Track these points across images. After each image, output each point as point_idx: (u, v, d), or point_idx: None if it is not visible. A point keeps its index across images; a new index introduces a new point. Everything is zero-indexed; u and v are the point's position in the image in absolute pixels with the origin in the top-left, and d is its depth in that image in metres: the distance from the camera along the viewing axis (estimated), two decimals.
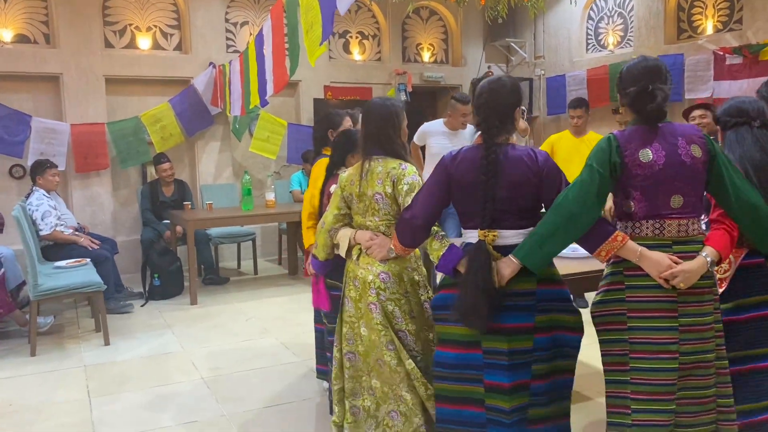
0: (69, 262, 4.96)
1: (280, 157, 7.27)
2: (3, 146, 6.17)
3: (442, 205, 2.24)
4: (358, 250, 2.54)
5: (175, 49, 7.04)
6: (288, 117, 7.40)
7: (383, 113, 2.51)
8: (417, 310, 2.50)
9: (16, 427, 3.29)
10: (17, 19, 6.33)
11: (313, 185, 3.13)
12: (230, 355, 4.29)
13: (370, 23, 8.15)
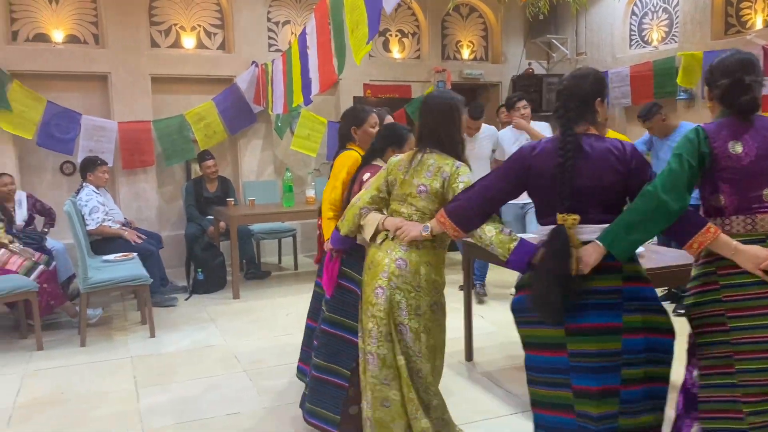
0: (117, 256, 5.12)
1: (320, 154, 7.34)
2: (54, 143, 6.38)
3: (507, 193, 2.18)
4: (384, 235, 2.49)
5: (218, 48, 7.18)
6: (328, 115, 7.46)
7: (444, 108, 2.46)
8: (425, 309, 2.42)
9: (68, 415, 3.42)
10: (68, 20, 6.54)
11: (335, 177, 3.12)
12: (271, 348, 4.37)
13: (410, 21, 8.17)
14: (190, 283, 5.96)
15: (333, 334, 2.84)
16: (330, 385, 2.83)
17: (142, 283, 4.70)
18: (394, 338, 2.39)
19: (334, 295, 2.84)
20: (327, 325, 2.86)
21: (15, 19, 6.35)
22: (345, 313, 2.82)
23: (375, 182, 2.59)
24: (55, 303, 4.80)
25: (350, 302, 2.81)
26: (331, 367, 2.83)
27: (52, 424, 3.31)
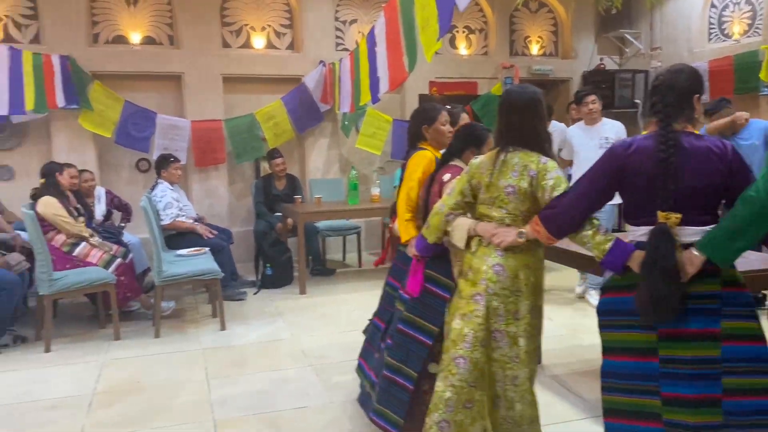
0: (190, 251, 5.28)
1: (384, 152, 7.36)
2: (131, 141, 6.65)
3: (604, 196, 2.12)
4: (478, 241, 2.44)
5: (287, 48, 7.30)
6: (393, 113, 7.47)
7: (527, 103, 2.39)
8: (524, 313, 2.36)
9: (144, 403, 3.55)
10: (145, 22, 6.79)
11: (410, 178, 3.07)
12: (337, 345, 4.41)
13: (477, 17, 8.08)
14: (259, 278, 6.09)
15: (407, 334, 2.82)
16: (397, 386, 2.80)
17: (213, 277, 4.82)
18: (489, 344, 2.34)
19: (417, 297, 2.81)
20: (403, 325, 2.83)
21: (96, 22, 6.64)
22: (422, 314, 2.78)
23: (458, 186, 2.53)
24: (131, 295, 5.00)
25: (430, 305, 2.76)
26: (401, 367, 2.81)
27: (129, 412, 3.44)
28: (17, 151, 6.50)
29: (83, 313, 5.39)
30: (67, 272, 4.61)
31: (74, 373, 4.02)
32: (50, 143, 6.47)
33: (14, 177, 6.48)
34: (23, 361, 4.27)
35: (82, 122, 6.38)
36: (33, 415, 3.41)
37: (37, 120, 6.31)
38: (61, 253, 4.75)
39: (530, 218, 2.34)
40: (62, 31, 6.35)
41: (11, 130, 6.41)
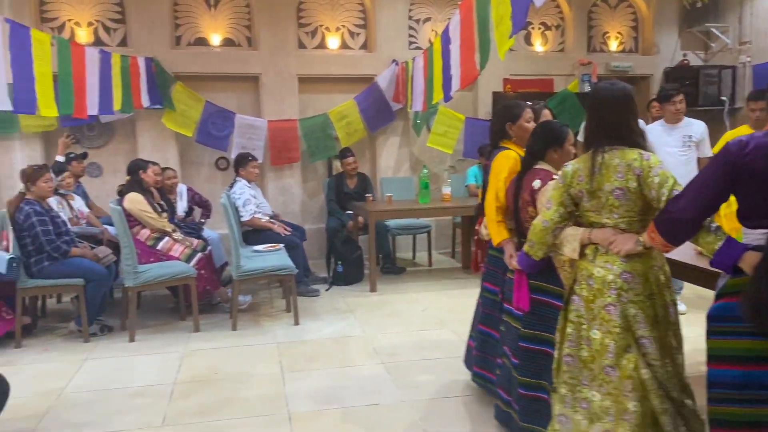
0: (265, 247, 5.41)
1: (456, 151, 7.31)
2: (211, 140, 6.88)
3: (720, 198, 2.00)
4: (594, 248, 2.35)
5: (360, 47, 7.37)
6: (465, 111, 7.41)
7: (619, 99, 2.31)
8: (662, 314, 2.29)
9: (222, 393, 3.67)
10: (225, 25, 7.01)
11: (496, 179, 3.03)
12: (408, 343, 4.42)
13: (554, 13, 7.90)
14: (331, 274, 6.18)
15: (536, 351, 2.73)
16: (543, 402, 2.72)
17: (288, 273, 4.93)
18: (635, 351, 2.25)
19: (529, 310, 2.74)
20: (527, 342, 2.75)
21: (178, 24, 6.90)
22: (546, 327, 2.70)
23: (556, 197, 2.44)
24: (211, 288, 5.18)
25: (546, 316, 2.70)
26: (541, 383, 2.73)
27: (207, 402, 3.56)
28: (105, 149, 6.85)
29: (165, 305, 5.62)
30: (151, 265, 4.82)
31: (156, 362, 4.20)
32: (135, 142, 6.78)
33: (102, 174, 6.84)
34: (110, 350, 4.50)
35: (165, 122, 6.66)
36: (119, 402, 3.58)
37: (123, 119, 6.63)
38: (146, 247, 4.97)
39: (645, 219, 2.26)
40: (147, 34, 6.64)
41: (100, 129, 6.76)
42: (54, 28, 6.55)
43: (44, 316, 5.34)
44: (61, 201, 5.31)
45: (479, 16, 3.94)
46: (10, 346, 4.52)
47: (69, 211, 5.38)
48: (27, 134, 6.42)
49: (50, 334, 4.89)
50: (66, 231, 4.77)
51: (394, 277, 6.42)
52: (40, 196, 4.67)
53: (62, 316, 5.39)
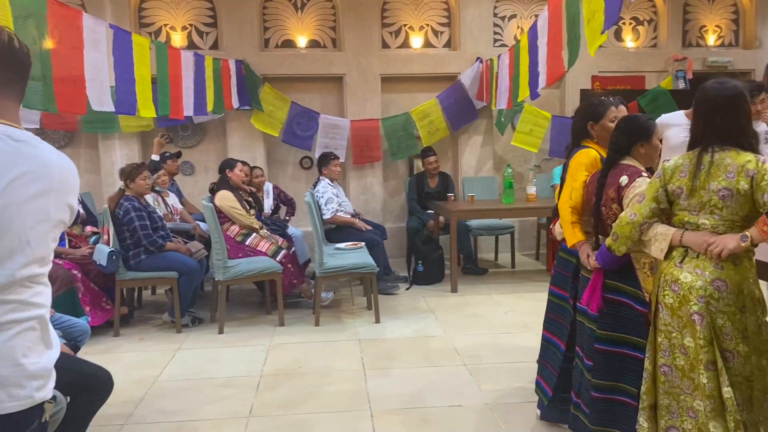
0: (347, 245, 5.48)
1: (542, 150, 7.15)
2: (296, 140, 7.04)
3: None
4: (682, 251, 2.24)
5: (444, 46, 7.33)
6: (552, 109, 7.23)
7: (731, 99, 2.19)
8: (752, 330, 2.14)
9: (305, 387, 3.74)
10: (311, 27, 7.15)
11: (573, 178, 2.90)
12: (490, 345, 4.36)
13: (646, 7, 7.57)
14: (411, 273, 6.18)
15: (613, 353, 2.63)
16: (618, 404, 2.63)
17: (369, 271, 4.97)
18: (719, 367, 2.13)
19: (604, 311, 2.63)
20: (602, 344, 2.64)
21: (267, 27, 7.10)
22: (623, 328, 2.60)
23: (650, 192, 2.34)
24: (297, 282, 5.30)
25: (626, 316, 2.59)
26: (617, 386, 2.63)
27: (292, 395, 3.64)
28: (197, 148, 7.14)
29: (251, 299, 5.80)
30: (240, 260, 4.99)
31: (244, 354, 4.34)
32: (226, 141, 7.04)
33: (195, 172, 7.14)
34: (200, 341, 4.68)
35: (253, 122, 6.87)
36: (208, 391, 3.73)
37: (214, 120, 6.89)
38: (235, 243, 5.15)
39: (746, 225, 2.13)
40: (238, 37, 6.87)
41: (193, 129, 7.06)
42: (151, 33, 6.89)
43: (140, 307, 5.62)
44: (157, 198, 5.58)
45: (569, 11, 3.83)
46: (109, 334, 4.79)
47: (164, 207, 5.65)
48: (126, 134, 6.78)
49: (145, 324, 5.15)
50: (162, 226, 5.01)
51: (475, 278, 6.35)
52: (138, 193, 4.92)
53: (156, 307, 5.67)
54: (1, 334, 1.46)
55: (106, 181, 6.75)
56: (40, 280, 1.53)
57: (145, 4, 6.88)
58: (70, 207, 1.58)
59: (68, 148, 6.86)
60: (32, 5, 2.87)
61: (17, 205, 1.45)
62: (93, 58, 3.44)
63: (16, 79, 1.53)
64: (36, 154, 1.50)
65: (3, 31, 1.50)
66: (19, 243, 1.46)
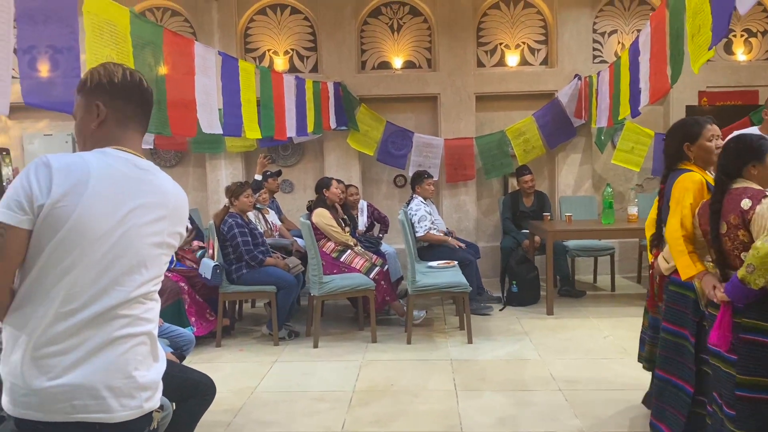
0: (440, 263, 5.48)
1: (644, 169, 6.88)
2: (390, 159, 7.15)
3: None
4: None
5: (541, 63, 7.23)
6: (655, 127, 6.94)
7: None
8: None
9: (397, 405, 3.76)
10: (406, 48, 7.27)
11: (680, 205, 2.73)
12: (588, 371, 4.21)
13: (760, 18, 7.14)
14: (505, 294, 6.09)
15: (758, 400, 2.41)
16: None
17: (462, 291, 4.94)
18: None
19: (742, 352, 2.41)
20: (746, 391, 2.41)
21: (364, 50, 7.29)
22: (764, 372, 2.39)
23: None
24: (389, 299, 5.36)
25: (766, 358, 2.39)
26: None
27: (384, 412, 3.67)
28: (296, 167, 7.40)
29: (345, 315, 5.91)
30: (335, 276, 5.11)
31: (337, 369, 4.42)
32: (323, 160, 7.25)
33: (293, 190, 7.39)
34: (296, 354, 4.82)
35: (349, 142, 7.04)
36: (303, 404, 3.82)
37: (312, 140, 7.13)
38: (330, 259, 5.28)
39: None
40: (336, 60, 7.09)
41: (292, 149, 7.33)
42: (255, 58, 7.25)
43: (240, 319, 5.87)
44: (258, 215, 5.83)
45: (672, 26, 3.68)
46: (212, 344, 5.03)
47: (264, 223, 5.88)
48: (231, 154, 7.14)
49: (245, 335, 5.36)
50: (262, 242, 5.22)
51: (572, 301, 6.16)
52: (242, 210, 5.16)
53: (255, 319, 5.89)
54: (117, 347, 1.55)
55: (212, 198, 7.12)
56: (152, 296, 1.64)
57: (250, 31, 7.25)
58: (180, 234, 1.72)
59: (178, 167, 7.30)
60: (150, 36, 3.11)
61: (137, 229, 1.57)
62: (203, 84, 3.67)
63: (141, 114, 1.67)
64: (157, 183, 1.64)
65: (135, 72, 1.65)
66: (137, 264, 1.57)
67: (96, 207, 1.50)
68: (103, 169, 1.53)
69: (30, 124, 7.25)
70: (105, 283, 1.53)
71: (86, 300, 1.51)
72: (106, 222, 1.52)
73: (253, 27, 7.25)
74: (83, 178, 1.49)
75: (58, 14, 2.36)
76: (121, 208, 1.54)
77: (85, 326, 1.51)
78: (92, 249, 1.50)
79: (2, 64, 2.03)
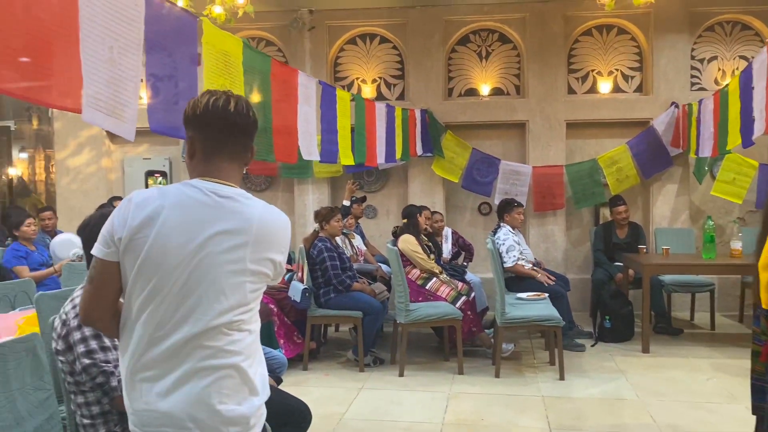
0: (530, 295, 5.32)
1: (746, 201, 6.50)
2: (475, 186, 7.08)
3: None
4: None
5: (635, 90, 7.02)
6: (760, 157, 6.57)
7: None
8: None
9: None
10: (494, 75, 7.22)
11: None
12: (692, 415, 3.95)
13: None
14: (596, 329, 5.85)
15: None
16: None
17: (555, 325, 4.78)
18: None
19: None
20: None
21: (451, 78, 7.29)
22: None
23: None
24: (476, 330, 5.25)
25: None
26: None
27: None
28: (380, 193, 7.44)
29: (428, 343, 5.83)
30: (420, 304, 5.06)
31: (424, 400, 4.34)
32: (407, 187, 7.26)
33: (377, 215, 7.43)
34: (381, 381, 4.78)
35: (434, 168, 7.03)
36: None
37: (397, 166, 7.15)
38: (416, 286, 5.24)
39: None
40: (423, 87, 7.13)
41: (377, 175, 7.38)
42: (344, 86, 7.38)
43: (325, 343, 5.89)
44: (344, 239, 5.88)
45: None
46: (299, 367, 5.06)
47: (350, 248, 5.92)
48: (318, 179, 7.26)
49: (330, 360, 5.37)
50: (349, 267, 5.25)
51: (669, 338, 5.84)
52: (331, 234, 5.22)
53: (339, 344, 5.90)
54: (200, 379, 1.55)
55: (298, 222, 7.25)
56: (238, 327, 1.59)
57: (340, 60, 7.40)
58: (271, 261, 1.63)
59: (268, 191, 7.49)
60: (259, 65, 3.21)
61: (214, 256, 1.55)
62: (304, 112, 3.76)
63: (230, 141, 1.64)
64: (238, 209, 1.59)
65: (222, 98, 1.62)
66: (215, 292, 1.55)
67: (169, 237, 1.53)
68: (178, 200, 1.56)
69: (131, 148, 7.64)
70: (184, 311, 1.55)
71: (170, 328, 1.55)
72: (180, 251, 1.54)
73: (342, 56, 7.40)
74: (157, 210, 1.54)
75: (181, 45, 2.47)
76: (197, 237, 1.55)
77: (172, 355, 1.54)
78: (170, 277, 1.54)
79: (131, 93, 2.13)
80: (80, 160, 7.51)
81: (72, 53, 1.86)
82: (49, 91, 1.85)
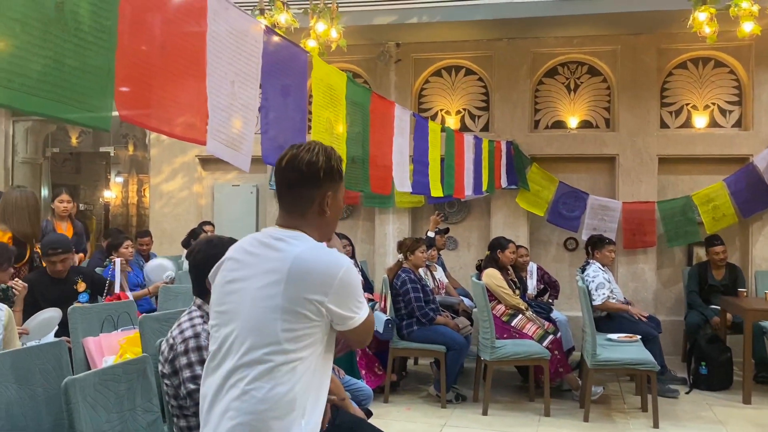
0: (621, 336, 5.10)
1: None
2: (561, 220, 6.91)
3: None
4: None
5: (733, 125, 6.71)
6: None
7: None
8: None
9: None
10: (583, 108, 7.08)
11: None
12: None
13: None
14: (691, 376, 5.53)
15: None
16: None
17: (649, 369, 4.55)
18: None
19: None
20: None
21: (538, 109, 7.20)
22: None
23: None
24: (564, 370, 5.06)
25: None
26: None
27: None
28: (462, 224, 7.37)
29: (510, 382, 5.67)
30: (506, 342, 4.93)
31: None
32: (489, 219, 7.16)
33: (458, 247, 7.35)
34: (464, 419, 4.67)
35: (518, 201, 6.91)
36: None
37: (480, 198, 7.08)
38: (501, 323, 5.12)
39: None
40: (509, 119, 7.06)
41: (459, 206, 7.32)
42: (428, 117, 7.40)
43: (405, 376, 5.83)
44: (427, 271, 5.83)
45: None
46: (380, 400, 5.01)
47: (432, 280, 5.87)
48: (399, 209, 7.28)
49: (411, 393, 5.31)
50: (432, 299, 5.20)
51: None
52: (415, 265, 5.20)
53: (418, 377, 5.83)
54: (228, 420, 1.61)
55: (378, 252, 7.27)
56: (269, 372, 1.59)
57: (424, 91, 7.45)
58: (311, 302, 1.59)
59: (349, 220, 7.56)
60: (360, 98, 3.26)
61: (251, 292, 1.65)
62: (399, 143, 3.79)
63: (281, 193, 1.78)
64: (282, 248, 1.66)
65: (314, 160, 1.70)
66: (249, 328, 1.63)
67: (221, 278, 1.76)
68: (237, 246, 1.78)
69: (220, 175, 7.92)
70: (225, 348, 1.66)
71: (219, 360, 1.69)
72: (223, 290, 1.73)
73: (427, 87, 7.45)
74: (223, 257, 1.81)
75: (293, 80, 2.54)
76: (239, 279, 1.69)
77: (217, 390, 1.65)
78: (219, 317, 1.72)
79: (248, 127, 2.20)
80: (173, 185, 7.83)
81: (199, 88, 1.94)
82: (176, 123, 1.93)
